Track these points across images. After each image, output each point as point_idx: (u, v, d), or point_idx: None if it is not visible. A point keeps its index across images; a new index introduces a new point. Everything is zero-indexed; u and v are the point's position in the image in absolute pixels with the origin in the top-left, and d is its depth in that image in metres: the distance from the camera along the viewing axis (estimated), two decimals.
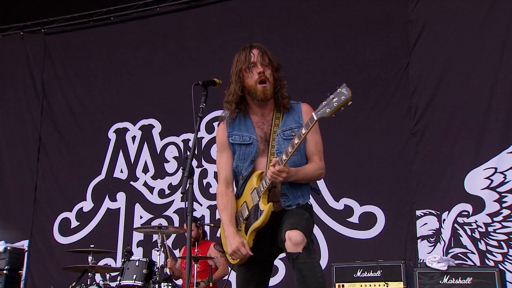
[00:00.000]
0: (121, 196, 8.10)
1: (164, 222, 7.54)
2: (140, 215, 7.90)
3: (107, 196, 8.18)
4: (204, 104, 3.19)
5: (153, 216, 7.80)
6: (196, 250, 5.92)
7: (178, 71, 8.12)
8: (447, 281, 4.47)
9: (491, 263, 5.71)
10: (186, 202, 3.03)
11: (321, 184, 6.93)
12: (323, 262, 6.72)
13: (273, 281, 6.78)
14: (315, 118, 2.95)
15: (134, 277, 5.31)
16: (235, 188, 3.39)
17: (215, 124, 7.72)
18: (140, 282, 5.29)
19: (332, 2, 7.38)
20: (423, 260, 5.13)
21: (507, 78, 6.12)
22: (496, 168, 5.96)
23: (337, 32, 7.25)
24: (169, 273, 5.73)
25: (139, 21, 8.51)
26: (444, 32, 6.59)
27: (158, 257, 5.43)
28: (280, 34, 7.55)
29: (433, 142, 6.34)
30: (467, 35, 6.46)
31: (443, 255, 5.88)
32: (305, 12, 7.53)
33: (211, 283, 5.83)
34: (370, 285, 4.69)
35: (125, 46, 8.59)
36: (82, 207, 8.27)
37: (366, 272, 4.79)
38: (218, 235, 3.48)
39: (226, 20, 8.01)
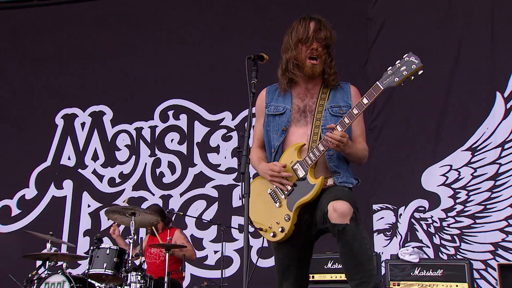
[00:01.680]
0: (68, 184, 7.78)
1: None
2: (88, 203, 7.62)
3: (52, 184, 7.84)
4: (256, 80, 3.04)
5: (102, 205, 7.51)
6: (168, 238, 5.75)
7: (132, 57, 7.89)
8: (418, 273, 4.54)
9: (445, 257, 5.87)
10: (243, 183, 2.83)
11: None
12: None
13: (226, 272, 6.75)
14: (382, 87, 2.88)
15: (104, 266, 5.09)
16: None
17: (170, 113, 7.59)
18: (111, 271, 5.07)
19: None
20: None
21: (463, 78, 6.31)
22: (451, 166, 6.13)
23: None
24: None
25: (92, 2, 8.21)
26: (403, 30, 6.70)
27: (130, 245, 5.22)
28: (238, 29, 7.52)
29: (391, 139, 6.45)
30: (426, 33, 6.59)
31: (399, 248, 5.98)
32: (262, 7, 7.50)
33: (183, 272, 5.71)
34: (341, 276, 4.69)
35: (76, 28, 8.24)
36: (24, 194, 7.89)
37: (337, 263, 4.79)
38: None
39: (183, 5, 7.86)
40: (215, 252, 6.98)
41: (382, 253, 5.77)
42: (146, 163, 7.54)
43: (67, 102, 8.09)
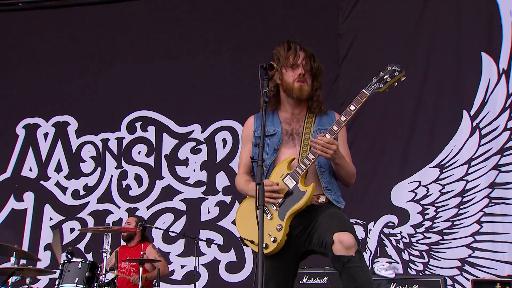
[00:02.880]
0: (28, 196, 7.55)
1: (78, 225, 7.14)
2: (50, 216, 7.40)
3: (12, 196, 7.59)
4: (268, 88, 3.01)
5: (64, 217, 7.35)
6: (142, 253, 5.64)
7: (99, 67, 7.76)
8: None
9: (413, 272, 5.94)
10: (258, 194, 2.78)
11: None
12: (248, 268, 6.70)
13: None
14: (367, 93, 2.99)
15: (76, 280, 4.93)
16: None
17: (137, 124, 7.48)
18: (82, 286, 4.92)
19: (263, 13, 7.38)
20: (371, 267, 5.21)
21: (431, 95, 6.43)
22: (420, 182, 6.22)
23: (267, 43, 7.21)
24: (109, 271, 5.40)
25: (58, 9, 8.04)
26: (373, 46, 6.79)
27: (105, 259, 5.08)
28: (208, 42, 7.47)
29: (361, 154, 6.47)
30: (395, 49, 6.70)
31: (369, 265, 6.03)
32: (233, 22, 7.50)
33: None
34: None
35: (40, 34, 8.04)
36: None
37: (312, 278, 4.78)
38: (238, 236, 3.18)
39: (151, 16, 7.77)
40: (182, 266, 6.90)
41: None
42: (112, 175, 7.39)
43: (29, 112, 7.86)
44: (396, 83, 2.99)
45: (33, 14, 8.14)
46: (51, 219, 7.39)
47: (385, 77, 2.99)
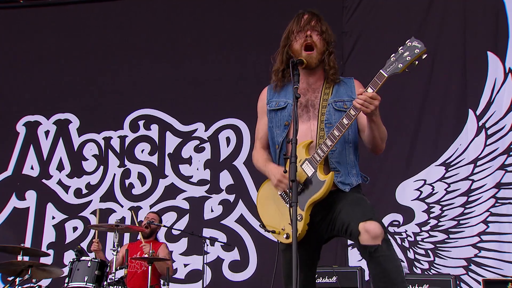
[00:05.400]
0: (30, 195, 7.49)
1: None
2: (53, 215, 7.35)
3: (14, 194, 7.53)
4: (298, 84, 2.89)
5: (67, 216, 7.30)
6: (151, 251, 5.61)
7: (102, 64, 7.70)
8: None
9: (419, 271, 5.94)
10: (291, 191, 2.70)
11: (251, 188, 6.90)
12: (252, 267, 6.69)
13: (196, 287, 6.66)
14: (386, 75, 2.79)
15: (85, 279, 4.88)
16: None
17: (140, 122, 7.44)
18: (92, 284, 4.87)
19: (267, 11, 7.33)
20: None
21: (437, 94, 6.41)
22: (425, 180, 6.22)
23: (271, 41, 7.18)
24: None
25: (60, 7, 7.97)
26: (378, 44, 6.76)
27: (114, 258, 5.04)
28: (212, 40, 7.43)
29: (365, 153, 6.46)
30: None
31: None
32: (240, 19, 7.46)
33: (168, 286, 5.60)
34: None
35: (42, 32, 7.98)
36: None
37: (321, 278, 4.76)
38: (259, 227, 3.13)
39: (155, 14, 7.72)
40: (185, 265, 6.88)
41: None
42: (114, 174, 7.34)
43: (29, 109, 7.80)
44: (417, 62, 2.78)
45: (35, 11, 8.07)
46: (53, 218, 7.35)
47: (405, 54, 2.78)
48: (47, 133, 7.69)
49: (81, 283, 4.88)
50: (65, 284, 4.92)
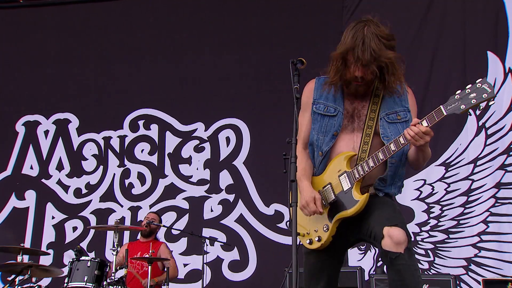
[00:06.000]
0: (30, 194, 7.49)
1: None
2: (52, 215, 7.35)
3: (13, 194, 7.53)
4: (298, 84, 2.86)
5: (67, 216, 7.30)
6: (150, 251, 5.62)
7: (101, 64, 7.71)
8: None
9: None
10: (291, 192, 2.70)
11: (251, 188, 6.90)
12: (252, 267, 6.69)
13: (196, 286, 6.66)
14: (444, 113, 2.67)
15: (85, 279, 4.89)
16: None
17: (140, 122, 7.44)
18: (92, 284, 4.87)
19: (267, 11, 7.34)
20: (377, 266, 5.21)
21: (436, 92, 6.40)
22: (425, 180, 6.21)
23: (271, 41, 7.21)
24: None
25: (59, 6, 7.97)
26: None
27: (114, 257, 5.03)
28: (211, 40, 7.44)
29: None
30: (400, 48, 6.62)
31: (373, 263, 6.04)
32: (240, 19, 7.46)
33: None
34: None
35: (40, 32, 7.97)
36: None
37: None
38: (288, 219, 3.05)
39: (155, 14, 7.73)
40: (185, 265, 6.87)
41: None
42: (114, 174, 7.34)
43: (28, 109, 7.79)
44: (482, 106, 2.61)
45: (34, 11, 8.06)
46: (53, 217, 7.34)
47: (471, 95, 2.61)
48: (46, 132, 7.69)
49: (80, 283, 4.88)
50: (65, 284, 4.93)
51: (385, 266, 2.81)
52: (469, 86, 2.66)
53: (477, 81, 2.65)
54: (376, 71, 2.84)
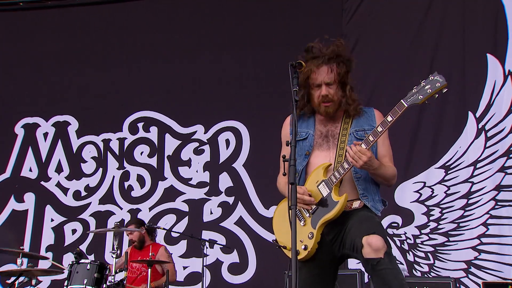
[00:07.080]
0: (29, 197, 7.48)
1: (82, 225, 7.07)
2: (52, 217, 7.34)
3: (13, 196, 7.52)
4: (298, 87, 2.95)
5: (66, 218, 7.30)
6: (150, 254, 5.61)
7: (101, 66, 7.69)
8: None
9: (418, 274, 5.93)
10: (290, 194, 2.76)
11: (251, 190, 6.89)
12: (251, 269, 6.68)
13: None
14: (406, 105, 2.93)
15: (84, 282, 4.88)
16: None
17: (140, 124, 7.43)
18: (91, 287, 4.85)
19: (267, 13, 7.34)
20: None
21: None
22: (424, 182, 6.21)
23: (270, 43, 7.21)
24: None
25: (59, 9, 7.97)
26: (376, 48, 6.76)
27: (113, 260, 5.02)
28: (210, 42, 7.43)
29: None
30: (398, 52, 6.68)
31: None
32: (239, 21, 7.46)
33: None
34: None
35: (40, 34, 7.97)
36: None
37: None
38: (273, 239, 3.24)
39: (155, 16, 7.73)
40: (184, 267, 6.86)
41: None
42: (114, 176, 7.33)
43: (28, 111, 7.79)
44: (437, 95, 2.93)
45: (34, 13, 8.08)
46: (52, 220, 7.34)
47: (426, 87, 2.93)
48: (45, 135, 7.69)
49: (80, 285, 4.87)
50: (64, 287, 4.92)
51: (370, 276, 2.85)
52: (424, 80, 2.97)
53: (430, 76, 2.96)
54: (340, 88, 3.12)
